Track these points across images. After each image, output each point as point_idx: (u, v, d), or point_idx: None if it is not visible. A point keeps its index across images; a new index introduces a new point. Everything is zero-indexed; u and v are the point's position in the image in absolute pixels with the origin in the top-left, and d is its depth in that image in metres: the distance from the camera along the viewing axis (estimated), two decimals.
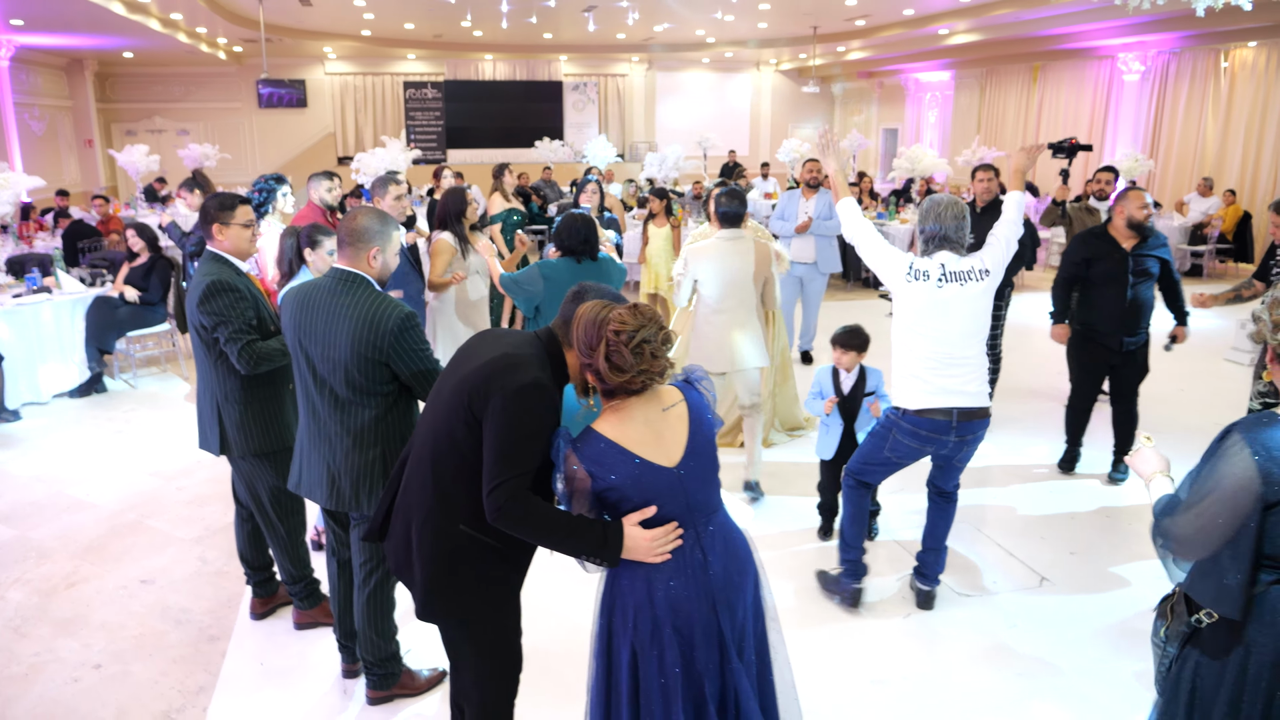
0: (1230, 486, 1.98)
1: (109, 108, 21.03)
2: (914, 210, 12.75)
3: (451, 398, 2.30)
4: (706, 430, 2.29)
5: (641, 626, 2.21)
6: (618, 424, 2.22)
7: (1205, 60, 14.25)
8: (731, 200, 4.83)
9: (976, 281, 3.56)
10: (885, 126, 22.85)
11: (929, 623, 3.89)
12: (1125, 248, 5.01)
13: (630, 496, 2.21)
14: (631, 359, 2.14)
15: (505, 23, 16.46)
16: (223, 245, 3.48)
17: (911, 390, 3.62)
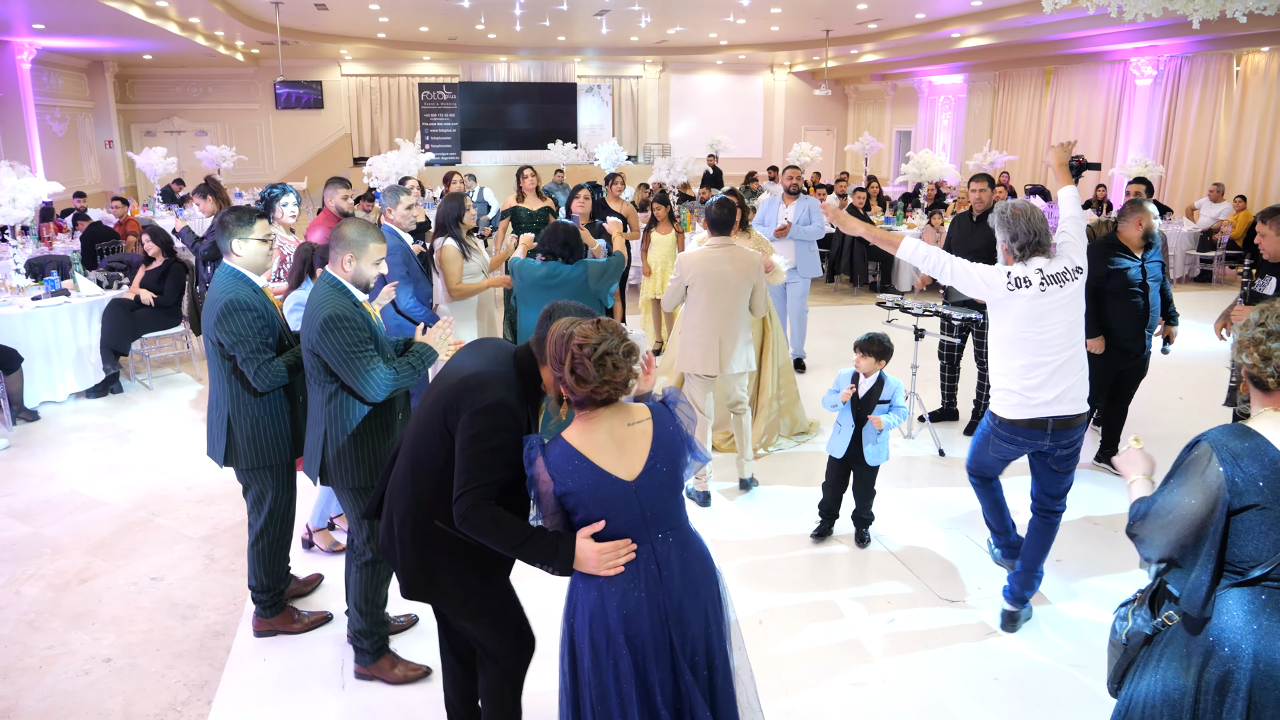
0: (1199, 493, 2.07)
1: (129, 109, 21.33)
2: (922, 215, 12.81)
3: (432, 408, 2.54)
4: (669, 449, 2.37)
5: (596, 635, 2.32)
6: (583, 433, 2.34)
7: (1218, 65, 14.23)
8: (721, 209, 5.00)
9: (1072, 280, 3.62)
10: (899, 129, 22.87)
11: (911, 628, 3.98)
12: (1138, 257, 5.18)
13: (586, 503, 2.32)
14: (594, 371, 2.27)
15: (519, 25, 16.62)
16: (239, 260, 3.56)
17: (1008, 401, 3.69)
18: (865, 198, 12.66)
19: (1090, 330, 5.34)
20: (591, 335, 2.29)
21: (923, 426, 6.39)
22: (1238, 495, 2.03)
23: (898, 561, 4.57)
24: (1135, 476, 2.41)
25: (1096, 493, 5.38)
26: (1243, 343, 2.16)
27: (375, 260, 3.29)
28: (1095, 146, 16.52)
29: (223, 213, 3.60)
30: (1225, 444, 2.07)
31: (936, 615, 4.08)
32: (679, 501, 2.44)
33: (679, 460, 2.40)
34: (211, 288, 3.57)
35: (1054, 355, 3.61)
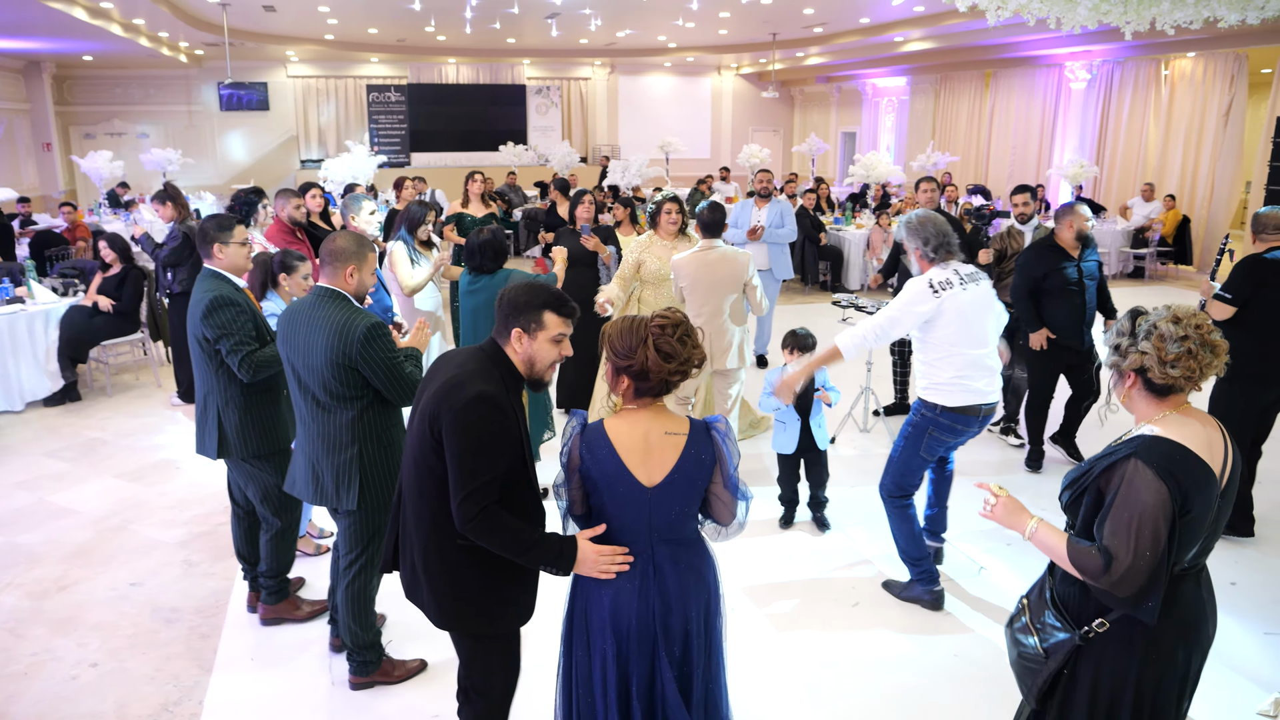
0: (1153, 510, 2.09)
1: (67, 111, 20.84)
2: (869, 215, 13.14)
3: (419, 427, 2.50)
4: (694, 469, 2.44)
5: (592, 621, 2.48)
6: (622, 428, 2.45)
7: (1147, 70, 14.82)
8: (713, 213, 5.27)
9: (977, 283, 3.98)
10: (844, 130, 23.31)
11: (872, 609, 4.20)
12: (1074, 257, 5.47)
13: (600, 491, 2.44)
14: (679, 346, 2.42)
15: (469, 28, 16.64)
16: (222, 263, 3.75)
17: (949, 391, 3.96)
18: (815, 199, 12.96)
19: (1033, 326, 5.65)
20: (671, 315, 2.45)
21: (877, 420, 6.66)
22: (1177, 501, 2.11)
23: (857, 549, 4.80)
24: (1030, 523, 2.40)
25: (1048, 485, 5.68)
26: (1165, 353, 2.17)
27: (373, 270, 3.41)
28: (1034, 148, 17.07)
29: (204, 220, 3.72)
30: (1154, 459, 2.13)
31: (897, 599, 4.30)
32: (689, 519, 2.51)
33: (700, 483, 2.46)
34: (195, 289, 3.71)
35: (981, 348, 3.98)
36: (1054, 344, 5.61)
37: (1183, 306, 2.25)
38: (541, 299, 2.51)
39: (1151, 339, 2.21)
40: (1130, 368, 2.26)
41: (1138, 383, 2.28)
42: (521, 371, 2.57)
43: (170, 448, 6.27)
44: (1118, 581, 2.14)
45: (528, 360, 2.54)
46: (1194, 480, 2.14)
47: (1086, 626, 2.27)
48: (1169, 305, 2.26)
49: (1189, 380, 2.21)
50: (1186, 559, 2.21)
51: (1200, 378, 2.21)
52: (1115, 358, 2.31)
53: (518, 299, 2.51)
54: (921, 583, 4.24)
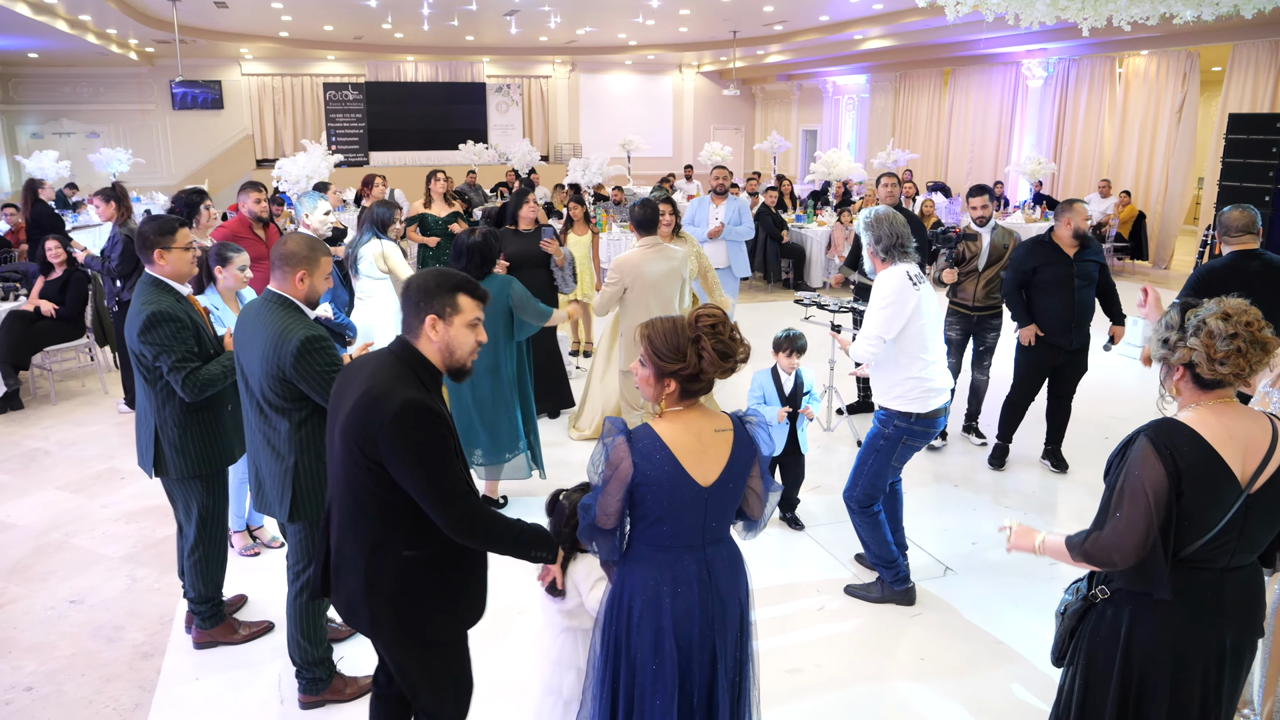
0: (1150, 484, 2.17)
1: (13, 109, 20.31)
2: (831, 213, 13.15)
3: (341, 446, 2.35)
4: (743, 464, 2.41)
5: (645, 634, 2.36)
6: (673, 429, 2.37)
7: (1102, 68, 14.98)
8: (644, 209, 5.24)
9: (924, 283, 3.97)
10: (805, 128, 23.37)
11: (840, 613, 4.15)
12: (1069, 255, 5.40)
13: (657, 497, 2.33)
14: (732, 343, 2.37)
15: (426, 25, 16.44)
16: (164, 270, 3.52)
17: (917, 396, 3.91)
18: (777, 196, 12.93)
19: (1021, 321, 5.62)
20: (715, 313, 2.40)
21: (841, 419, 6.62)
22: (1175, 480, 2.17)
23: (823, 550, 4.74)
24: (1037, 538, 2.48)
25: (1007, 484, 5.67)
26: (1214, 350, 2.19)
27: (326, 274, 3.26)
28: (992, 145, 17.20)
29: (142, 224, 3.54)
30: (1159, 436, 2.20)
31: (862, 602, 4.24)
32: (732, 515, 2.47)
33: (746, 477, 2.43)
34: (133, 299, 3.50)
35: (938, 347, 3.99)
36: (1041, 341, 5.55)
37: (1232, 302, 2.25)
38: (453, 282, 2.42)
39: (1200, 335, 2.23)
40: (1179, 362, 2.28)
41: (1185, 376, 2.30)
42: (439, 363, 2.43)
43: (116, 457, 6.06)
44: (1100, 551, 2.25)
45: (445, 349, 2.41)
46: (1194, 464, 2.18)
47: (1092, 592, 2.41)
48: (1220, 300, 2.26)
49: (1237, 377, 2.23)
50: (1192, 548, 2.22)
51: (1249, 374, 2.23)
52: (1164, 351, 2.32)
53: (428, 285, 2.39)
54: (895, 582, 4.21)
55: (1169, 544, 2.20)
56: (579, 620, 2.92)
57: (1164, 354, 2.33)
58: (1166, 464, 2.17)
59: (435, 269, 2.46)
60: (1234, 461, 2.20)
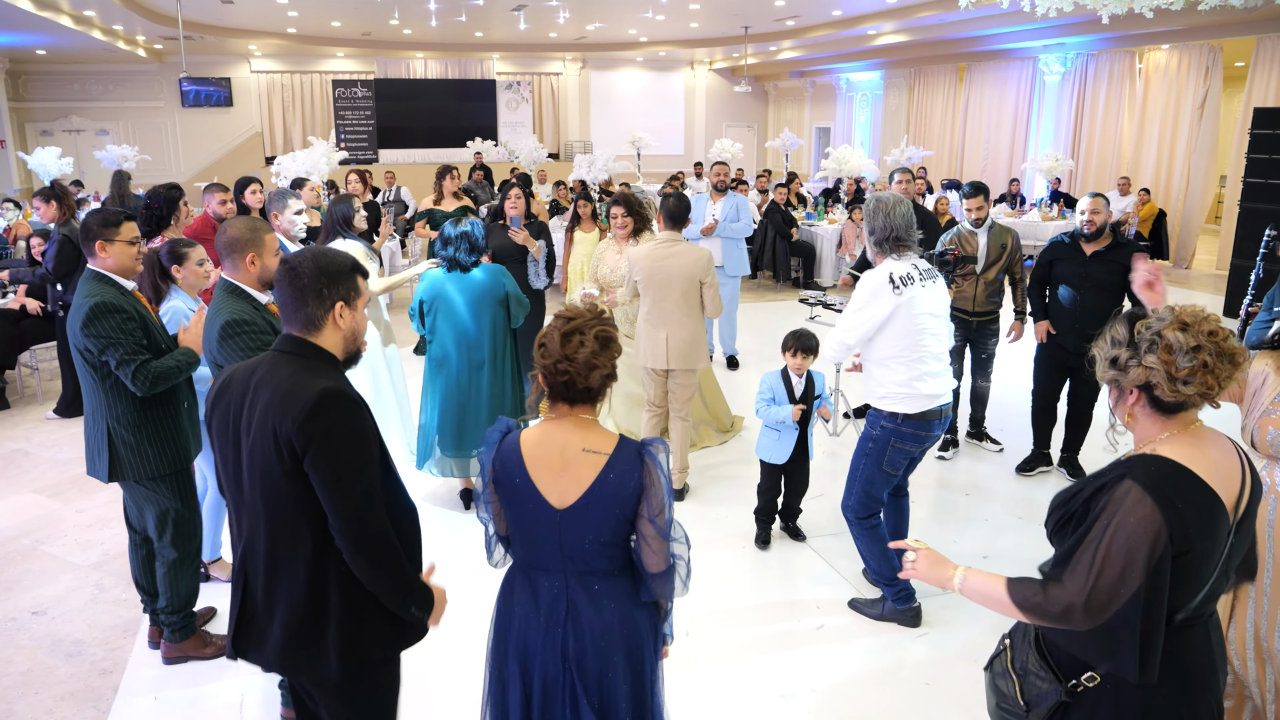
0: (1135, 540, 1.78)
1: (22, 107, 20.27)
2: (843, 211, 12.88)
3: (256, 465, 2.08)
4: (611, 497, 2.12)
5: (498, 651, 2.25)
6: (536, 439, 2.18)
7: (1122, 62, 14.64)
8: (679, 203, 5.01)
9: (935, 280, 3.67)
10: (818, 125, 23.08)
11: (841, 632, 3.90)
12: (1086, 252, 5.10)
13: (510, 508, 2.19)
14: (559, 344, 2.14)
15: (434, 20, 16.25)
16: (106, 264, 3.35)
17: (907, 397, 3.64)
18: (786, 194, 12.67)
19: (1035, 316, 5.37)
20: (576, 309, 2.19)
21: (848, 424, 6.37)
22: (1175, 539, 1.78)
23: (824, 563, 4.50)
24: (955, 573, 2.09)
25: (1027, 495, 5.41)
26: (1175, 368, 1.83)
27: (275, 251, 3.08)
28: (1007, 141, 16.88)
29: (86, 217, 3.34)
30: (1153, 482, 1.81)
31: (864, 619, 4.00)
32: (612, 553, 2.18)
33: (617, 512, 2.13)
34: (76, 293, 3.31)
35: (937, 347, 3.66)
36: (1051, 339, 5.31)
37: (1189, 309, 1.89)
38: (350, 262, 2.22)
39: (1157, 351, 1.86)
40: (1133, 384, 1.92)
41: (1141, 399, 1.93)
42: (342, 352, 2.22)
43: None
44: (1057, 608, 1.84)
45: (352, 335, 2.23)
46: (1197, 511, 1.81)
47: (1075, 680, 1.95)
48: (1172, 307, 1.90)
49: (1204, 397, 1.87)
50: (1192, 605, 1.88)
51: (1217, 393, 1.86)
52: (1114, 372, 1.95)
53: (329, 269, 2.15)
54: (897, 600, 3.94)
55: (1158, 614, 1.80)
56: None
57: (1114, 375, 1.94)
58: (1169, 518, 1.76)
59: (326, 252, 2.22)
60: (1227, 494, 1.87)
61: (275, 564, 2.15)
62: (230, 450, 2.15)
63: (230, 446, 2.15)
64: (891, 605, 3.95)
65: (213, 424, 2.19)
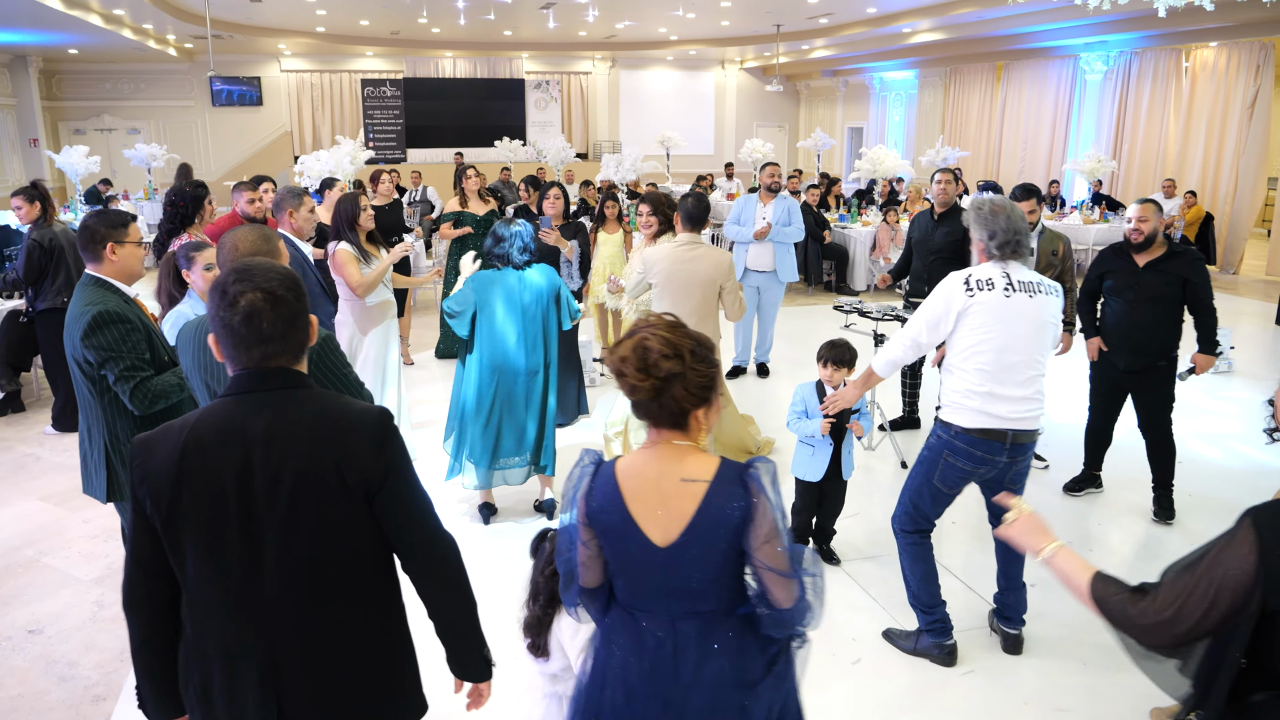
0: (1225, 570, 1.65)
1: (56, 106, 20.39)
2: (876, 212, 12.56)
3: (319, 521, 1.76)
4: (714, 528, 1.89)
5: (591, 700, 2.01)
6: (635, 469, 1.96)
7: (1167, 60, 14.18)
8: (697, 204, 4.75)
9: (1044, 295, 3.36)
10: (850, 125, 22.70)
11: (879, 667, 3.64)
12: (1138, 262, 4.77)
13: (610, 546, 1.97)
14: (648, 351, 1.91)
15: (463, 19, 16.11)
16: (113, 268, 3.13)
17: (967, 409, 3.38)
18: (819, 195, 12.38)
19: (1085, 333, 5.06)
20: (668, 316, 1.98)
21: (884, 436, 6.08)
22: (1273, 590, 1.60)
23: (859, 589, 4.23)
24: (1048, 546, 1.98)
25: (1075, 515, 5.11)
26: None
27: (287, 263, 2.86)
28: (1046, 142, 16.45)
29: (87, 218, 3.14)
30: (1269, 522, 1.65)
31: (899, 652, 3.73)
32: (721, 592, 1.94)
33: (722, 546, 1.90)
34: (75, 300, 3.09)
35: (1018, 366, 3.33)
36: (1103, 357, 4.97)
37: None
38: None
39: None
40: None
41: None
42: None
43: None
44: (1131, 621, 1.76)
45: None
46: None
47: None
48: None
49: None
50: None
51: None
52: None
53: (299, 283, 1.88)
54: (932, 634, 3.65)
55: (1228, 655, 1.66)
56: (565, 686, 2.48)
57: None
58: (1262, 561, 1.60)
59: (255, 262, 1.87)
60: None
61: (332, 645, 1.84)
62: (234, 533, 1.75)
63: (233, 529, 1.75)
64: (926, 638, 3.67)
65: (186, 511, 1.75)
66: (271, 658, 1.80)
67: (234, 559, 1.77)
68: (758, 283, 7.30)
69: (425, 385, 7.29)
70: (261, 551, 1.76)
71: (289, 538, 1.76)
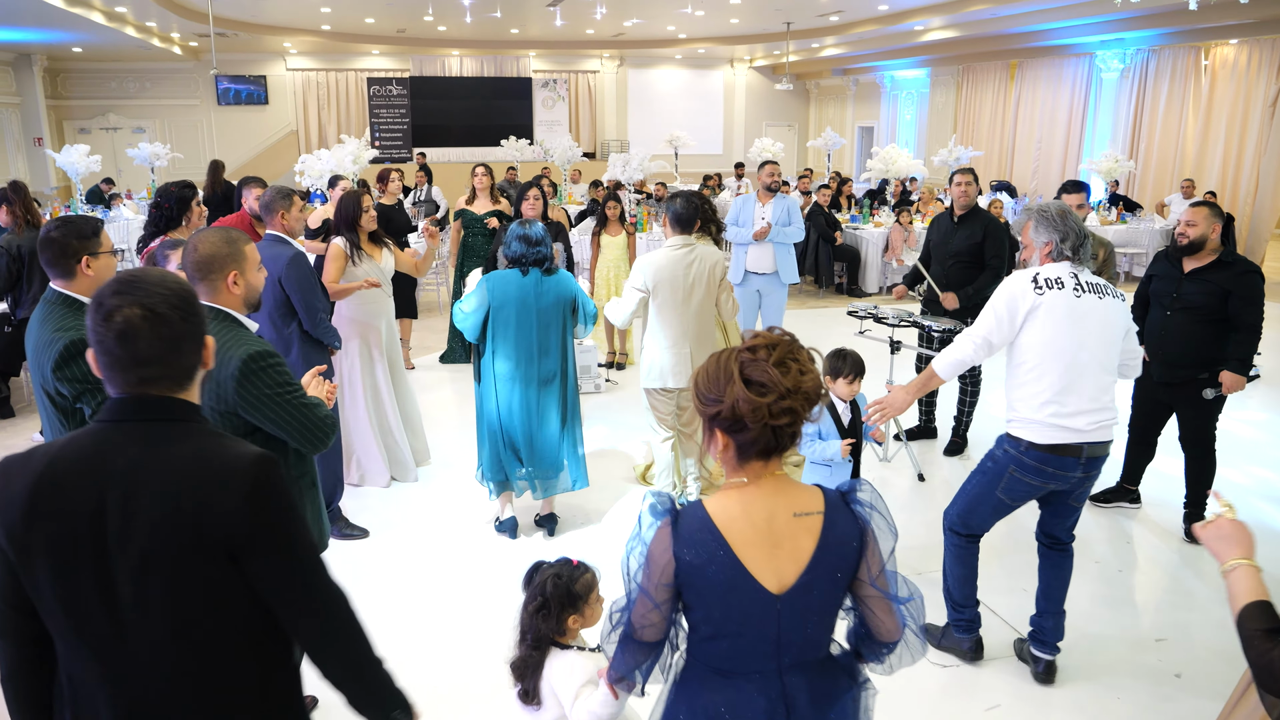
0: None
1: (60, 105, 20.31)
2: (889, 213, 12.33)
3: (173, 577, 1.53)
4: (835, 562, 1.73)
5: None
6: (732, 508, 1.72)
7: (1185, 58, 13.92)
8: (686, 205, 4.56)
9: (1113, 298, 3.26)
10: (860, 124, 22.46)
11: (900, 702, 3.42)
12: (1184, 268, 4.52)
13: (709, 604, 1.71)
14: (775, 372, 1.67)
15: (469, 16, 15.94)
16: (86, 283, 2.82)
17: (1038, 423, 3.20)
18: (830, 195, 12.15)
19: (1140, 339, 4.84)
20: (766, 335, 1.73)
21: (899, 447, 5.85)
22: None
23: None
24: (1233, 560, 1.79)
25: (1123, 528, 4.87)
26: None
27: (258, 265, 2.64)
28: (1061, 142, 16.20)
29: (53, 229, 2.87)
30: None
31: (928, 682, 3.51)
32: (827, 632, 1.78)
33: (844, 581, 1.74)
34: (39, 322, 2.77)
35: (1090, 371, 3.18)
36: (1144, 365, 4.75)
37: None
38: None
39: None
40: None
41: None
42: None
43: None
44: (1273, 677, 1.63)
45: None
46: None
47: None
48: None
49: None
50: None
51: None
52: None
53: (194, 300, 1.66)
54: (959, 628, 3.59)
55: None
56: None
57: None
58: None
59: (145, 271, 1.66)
60: None
61: (196, 704, 1.61)
62: (88, 579, 1.53)
63: (86, 574, 1.53)
64: (953, 633, 3.59)
65: (38, 549, 1.53)
66: (131, 709, 1.61)
67: (90, 605, 1.55)
68: (759, 285, 7.04)
69: (433, 390, 7.09)
70: (117, 600, 1.55)
71: (142, 591, 1.54)
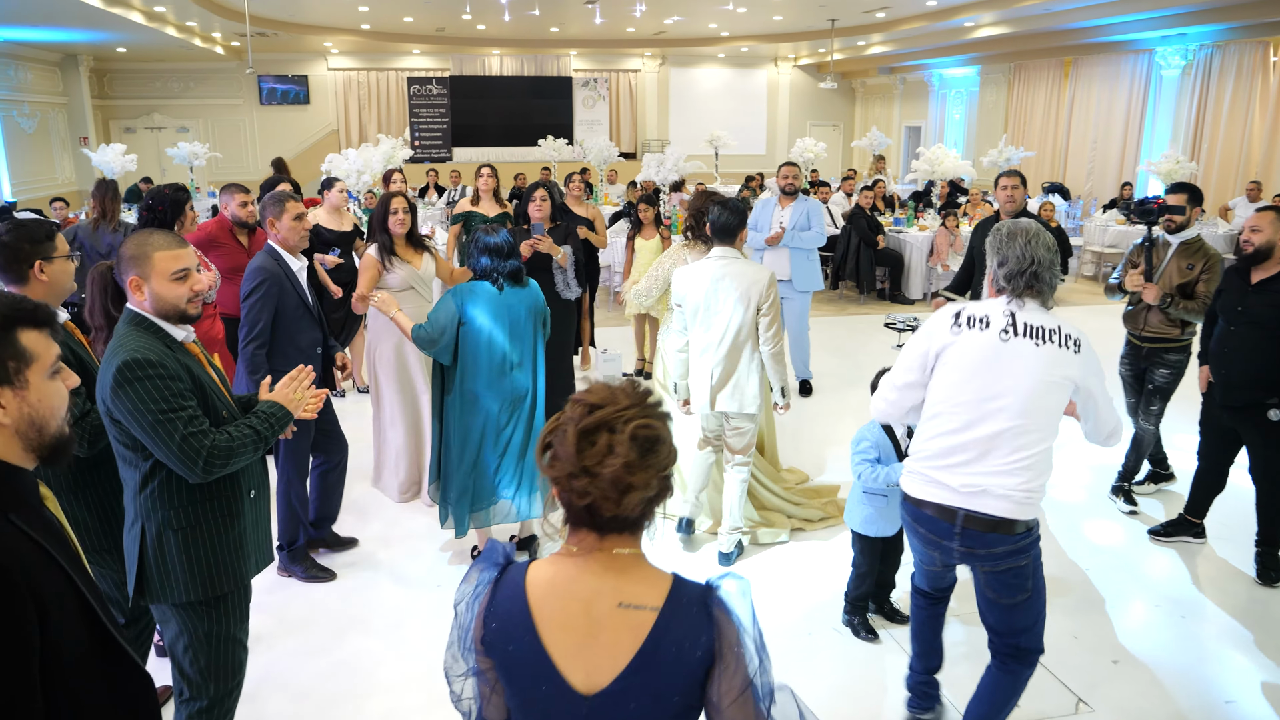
0: None
1: (106, 104, 20.51)
2: (934, 216, 11.87)
3: None
4: (662, 673, 1.39)
5: None
6: (553, 581, 1.44)
7: (1252, 54, 13.24)
8: (731, 214, 4.13)
9: (1060, 348, 2.62)
10: (908, 124, 21.90)
11: None
12: (1251, 279, 4.11)
13: (512, 686, 1.44)
14: (573, 446, 1.36)
15: (507, 15, 15.75)
16: (43, 288, 2.71)
17: (915, 471, 2.80)
18: (872, 197, 11.73)
19: (1200, 359, 4.42)
20: (595, 393, 1.42)
21: None
22: None
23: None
24: None
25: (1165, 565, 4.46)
26: None
27: (172, 272, 2.38)
28: (1118, 142, 15.55)
29: (2, 230, 2.68)
30: None
31: None
32: None
33: (679, 699, 1.41)
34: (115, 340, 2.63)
35: (998, 425, 2.61)
36: (1210, 387, 4.35)
37: None
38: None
39: None
40: None
41: None
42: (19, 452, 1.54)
43: None
44: None
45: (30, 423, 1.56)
46: None
47: None
48: None
49: None
50: None
51: None
52: None
53: None
54: (910, 702, 3.27)
55: None
56: None
57: None
58: None
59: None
60: None
61: None
62: None
63: None
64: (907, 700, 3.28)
65: None
66: None
67: None
68: None
69: None
70: None
71: None
